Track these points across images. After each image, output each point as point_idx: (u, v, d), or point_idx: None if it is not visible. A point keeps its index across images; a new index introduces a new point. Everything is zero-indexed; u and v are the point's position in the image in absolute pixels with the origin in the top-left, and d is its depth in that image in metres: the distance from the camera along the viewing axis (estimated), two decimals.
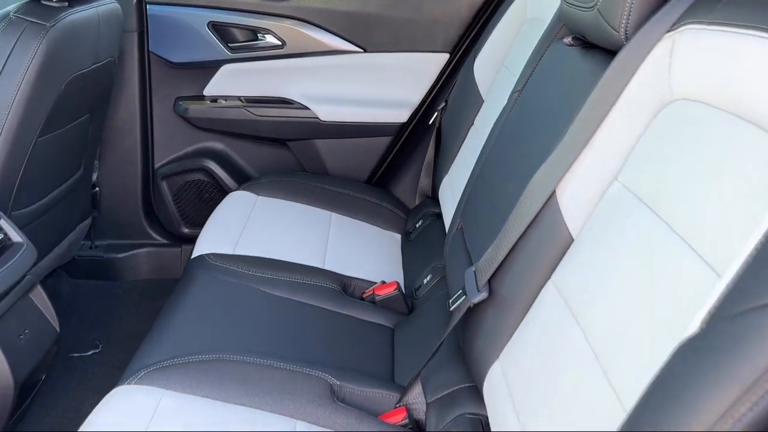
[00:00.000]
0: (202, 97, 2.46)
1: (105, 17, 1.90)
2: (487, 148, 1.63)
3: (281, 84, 2.44)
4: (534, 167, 1.20)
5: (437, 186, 2.15)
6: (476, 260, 1.29)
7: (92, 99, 1.98)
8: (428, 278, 1.77)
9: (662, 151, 0.95)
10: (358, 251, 1.95)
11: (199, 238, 1.88)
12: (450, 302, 1.30)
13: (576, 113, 1.14)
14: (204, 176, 2.52)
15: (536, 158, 1.21)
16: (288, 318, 1.58)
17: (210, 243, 1.83)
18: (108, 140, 2.37)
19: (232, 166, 2.54)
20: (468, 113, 2.05)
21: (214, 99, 2.46)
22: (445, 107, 2.32)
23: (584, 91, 1.15)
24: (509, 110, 1.59)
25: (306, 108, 2.43)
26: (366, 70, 2.43)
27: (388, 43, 2.42)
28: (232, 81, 2.44)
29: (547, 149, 1.18)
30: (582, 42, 1.35)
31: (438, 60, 2.44)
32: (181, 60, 2.42)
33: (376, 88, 2.44)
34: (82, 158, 2.09)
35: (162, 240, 2.53)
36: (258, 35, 2.40)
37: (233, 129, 2.48)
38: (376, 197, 2.31)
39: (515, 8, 2.03)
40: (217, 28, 2.39)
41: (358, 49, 2.41)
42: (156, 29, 2.37)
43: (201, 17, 2.38)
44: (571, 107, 1.17)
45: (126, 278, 2.47)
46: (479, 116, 1.99)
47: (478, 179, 1.60)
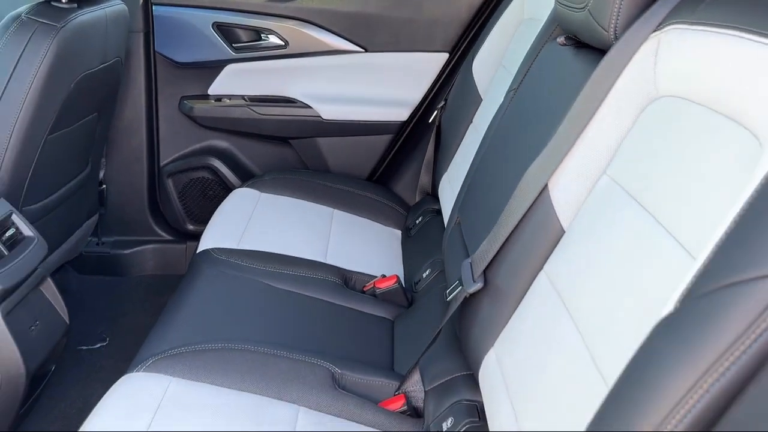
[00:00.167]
0: (207, 97, 2.48)
1: (112, 18, 1.91)
2: (484, 145, 1.65)
3: (284, 83, 2.46)
4: (528, 162, 1.22)
5: (437, 183, 2.16)
6: (472, 252, 1.31)
7: (100, 98, 1.99)
8: (427, 272, 1.79)
9: (648, 146, 0.98)
10: (359, 246, 1.97)
11: (204, 234, 1.90)
12: (447, 293, 1.33)
13: (568, 110, 1.17)
14: (208, 174, 2.54)
15: (530, 153, 1.23)
16: (291, 310, 1.60)
17: (215, 238, 1.85)
18: (115, 138, 2.38)
19: (236, 164, 2.55)
20: (467, 112, 2.06)
21: (219, 98, 2.47)
22: (445, 106, 2.33)
23: (576, 89, 1.17)
24: (505, 108, 1.61)
25: (308, 107, 2.45)
26: (367, 70, 2.44)
27: (389, 43, 2.43)
28: (236, 80, 2.46)
29: (541, 145, 1.21)
30: (574, 41, 1.37)
31: (438, 59, 2.46)
32: (187, 60, 2.44)
33: (377, 88, 2.46)
34: (90, 156, 2.10)
35: (167, 236, 2.53)
36: (261, 35, 2.42)
37: (237, 127, 2.50)
38: (377, 194, 2.33)
39: (513, 9, 2.05)
40: (222, 29, 2.41)
41: (360, 49, 2.43)
42: (162, 30, 2.39)
43: (206, 18, 2.40)
44: (564, 104, 1.20)
45: (132, 274, 2.49)
46: (478, 114, 2.01)
47: (476, 175, 1.62)
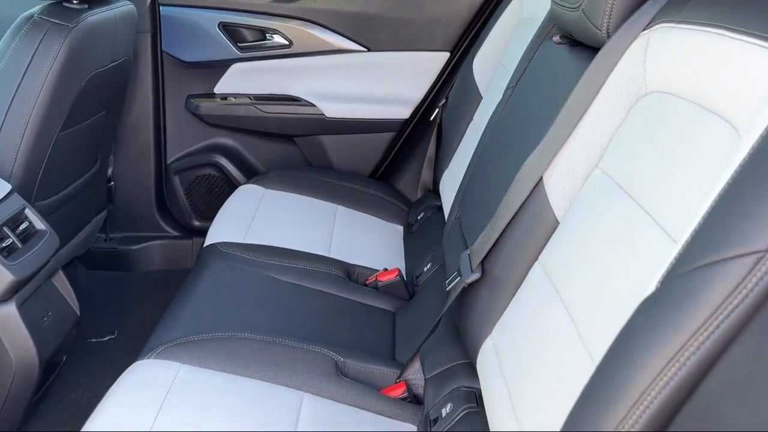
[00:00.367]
0: (213, 95, 2.51)
1: (121, 18, 1.95)
2: (483, 141, 1.68)
3: (288, 82, 2.49)
4: (524, 157, 1.26)
5: (438, 180, 2.18)
6: (471, 244, 1.35)
7: (109, 96, 2.03)
8: (428, 266, 1.82)
9: (637, 140, 1.02)
10: (362, 241, 2.00)
11: (211, 229, 1.94)
12: (446, 283, 1.36)
13: (563, 106, 1.21)
14: (214, 171, 2.57)
15: (526, 148, 1.27)
16: (295, 301, 1.64)
17: (221, 233, 1.89)
18: (123, 136, 2.41)
19: (242, 161, 2.58)
20: (467, 110, 2.09)
21: (225, 96, 2.51)
22: (446, 104, 2.36)
23: (570, 86, 1.21)
24: (503, 105, 1.64)
25: (312, 105, 2.48)
26: (370, 69, 2.47)
27: (391, 43, 2.46)
28: (242, 79, 2.49)
29: (537, 140, 1.24)
30: (569, 40, 1.41)
31: (439, 59, 2.49)
32: (193, 59, 2.47)
33: (380, 86, 2.48)
34: (99, 153, 2.13)
35: (174, 232, 2.56)
36: (266, 35, 2.45)
37: (242, 125, 2.53)
38: (380, 191, 2.35)
39: (512, 8, 2.08)
40: (228, 29, 2.44)
41: (362, 49, 2.46)
42: (169, 30, 2.42)
43: (212, 18, 2.43)
44: (559, 101, 1.23)
45: (139, 269, 2.51)
46: (478, 112, 2.03)
47: (475, 170, 1.66)
